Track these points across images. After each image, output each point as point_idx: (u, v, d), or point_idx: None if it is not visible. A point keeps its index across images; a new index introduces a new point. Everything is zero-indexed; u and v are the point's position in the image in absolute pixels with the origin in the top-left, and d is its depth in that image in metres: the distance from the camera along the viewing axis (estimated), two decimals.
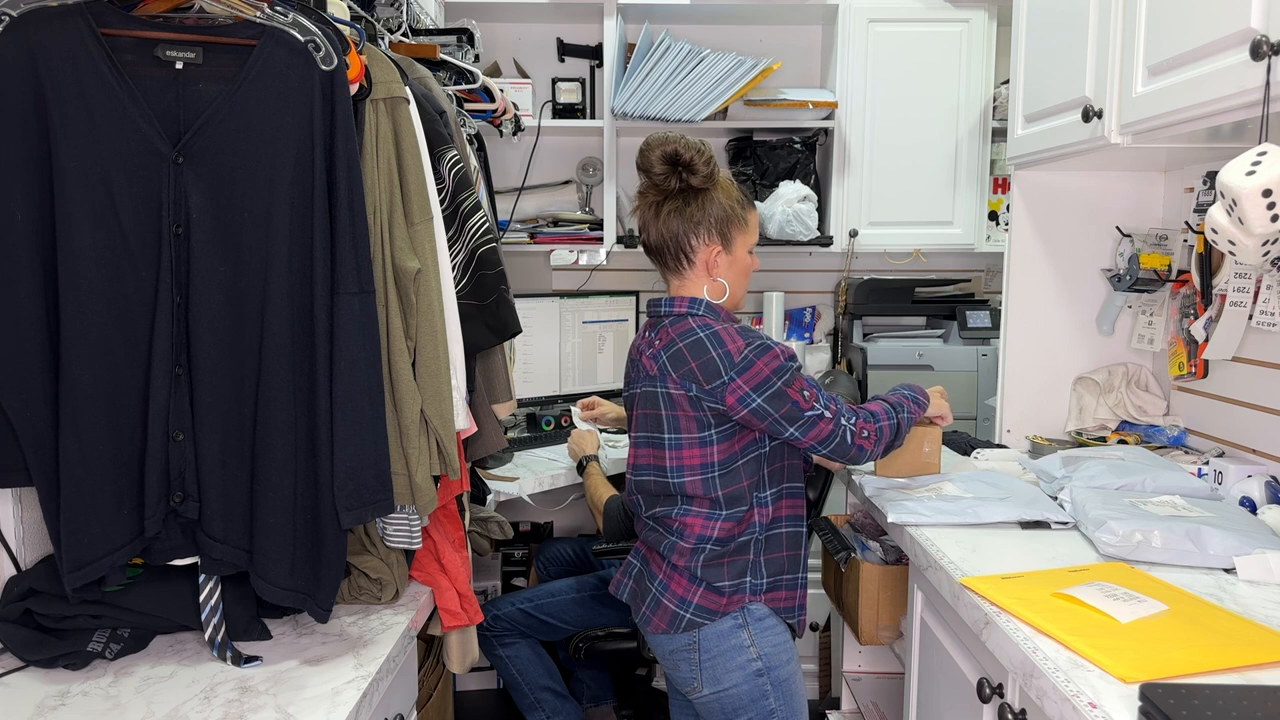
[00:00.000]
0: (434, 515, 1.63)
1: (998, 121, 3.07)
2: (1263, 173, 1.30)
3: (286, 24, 1.31)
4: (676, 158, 1.73)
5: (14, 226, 1.27)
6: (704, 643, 1.72)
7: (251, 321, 1.32)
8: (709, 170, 1.74)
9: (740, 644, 1.72)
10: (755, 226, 1.83)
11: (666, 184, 1.75)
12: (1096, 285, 2.34)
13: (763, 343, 1.69)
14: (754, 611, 1.73)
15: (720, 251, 1.77)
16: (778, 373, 1.66)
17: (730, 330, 1.70)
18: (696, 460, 1.71)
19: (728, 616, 1.72)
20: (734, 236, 1.78)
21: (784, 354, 1.69)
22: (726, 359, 1.66)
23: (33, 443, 1.30)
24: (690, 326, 1.71)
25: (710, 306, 1.77)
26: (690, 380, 1.68)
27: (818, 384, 1.73)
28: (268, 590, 1.34)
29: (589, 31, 3.27)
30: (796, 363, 1.69)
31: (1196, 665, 1.12)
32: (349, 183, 1.33)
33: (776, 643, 1.74)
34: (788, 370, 1.67)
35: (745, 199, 1.81)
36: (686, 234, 1.75)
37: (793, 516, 1.79)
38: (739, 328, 1.72)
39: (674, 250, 1.77)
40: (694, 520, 1.72)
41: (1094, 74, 1.83)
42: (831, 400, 1.72)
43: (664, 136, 1.74)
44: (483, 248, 1.64)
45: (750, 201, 1.82)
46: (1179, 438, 2.16)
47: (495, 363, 1.79)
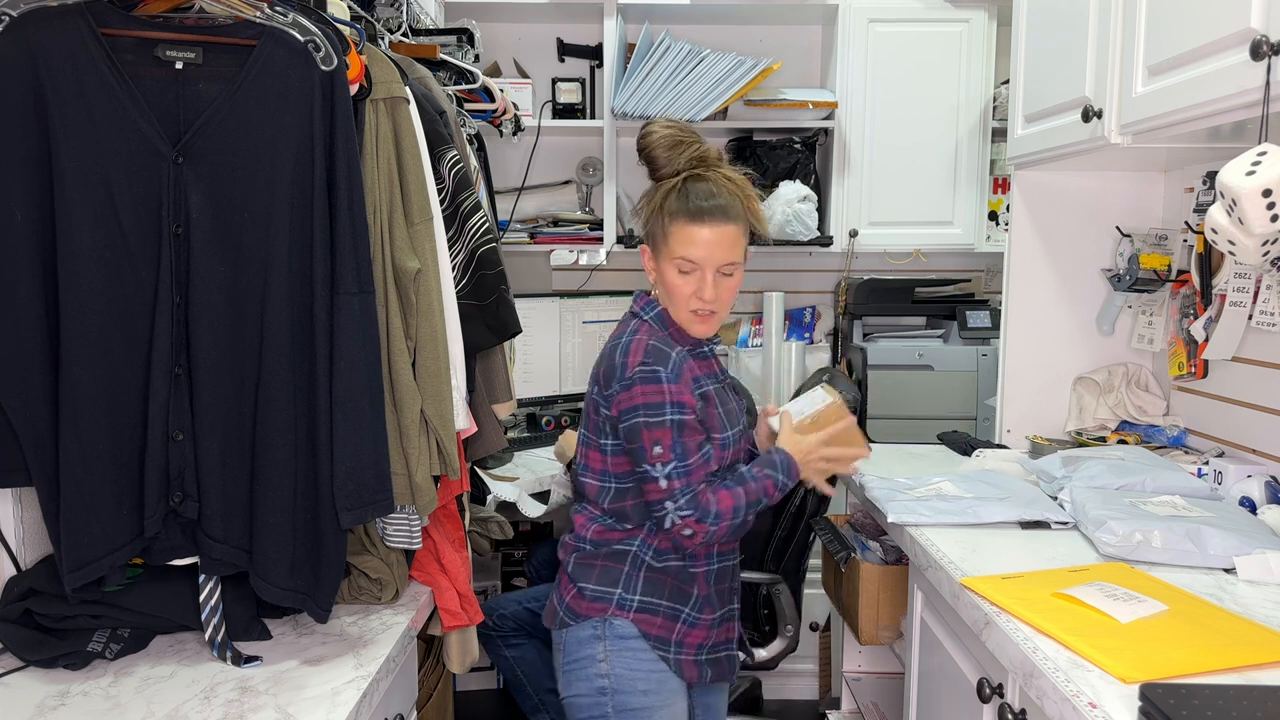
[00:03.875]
0: (434, 515, 1.63)
1: (998, 121, 3.07)
2: (1263, 173, 1.30)
3: (286, 24, 1.31)
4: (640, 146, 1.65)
5: (14, 226, 1.27)
6: (566, 644, 1.66)
7: (251, 321, 1.32)
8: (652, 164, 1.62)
9: (592, 655, 1.62)
10: (682, 242, 1.57)
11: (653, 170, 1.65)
12: (1096, 285, 2.34)
13: (656, 371, 1.54)
14: (616, 627, 1.61)
15: (649, 255, 1.65)
16: (648, 409, 1.53)
17: (644, 344, 1.57)
18: (596, 465, 1.64)
19: (588, 623, 1.62)
20: (657, 243, 1.61)
21: (671, 395, 1.54)
22: (621, 370, 1.56)
23: (33, 443, 1.30)
24: (625, 329, 1.63)
25: (661, 316, 1.64)
26: (596, 381, 1.63)
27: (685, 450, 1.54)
28: (267, 590, 1.34)
29: (589, 31, 3.27)
30: (682, 414, 1.54)
31: (1196, 665, 1.12)
32: (349, 183, 1.33)
33: (635, 667, 1.61)
34: (661, 414, 1.53)
35: (680, 207, 1.57)
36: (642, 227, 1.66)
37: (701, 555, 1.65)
38: (655, 345, 1.58)
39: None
40: (580, 518, 1.67)
41: (1094, 74, 1.83)
42: (686, 476, 1.54)
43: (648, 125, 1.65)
44: (483, 248, 1.64)
45: (687, 213, 1.57)
46: (1179, 438, 2.16)
47: (495, 363, 1.79)
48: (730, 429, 1.67)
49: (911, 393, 3.02)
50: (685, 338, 1.64)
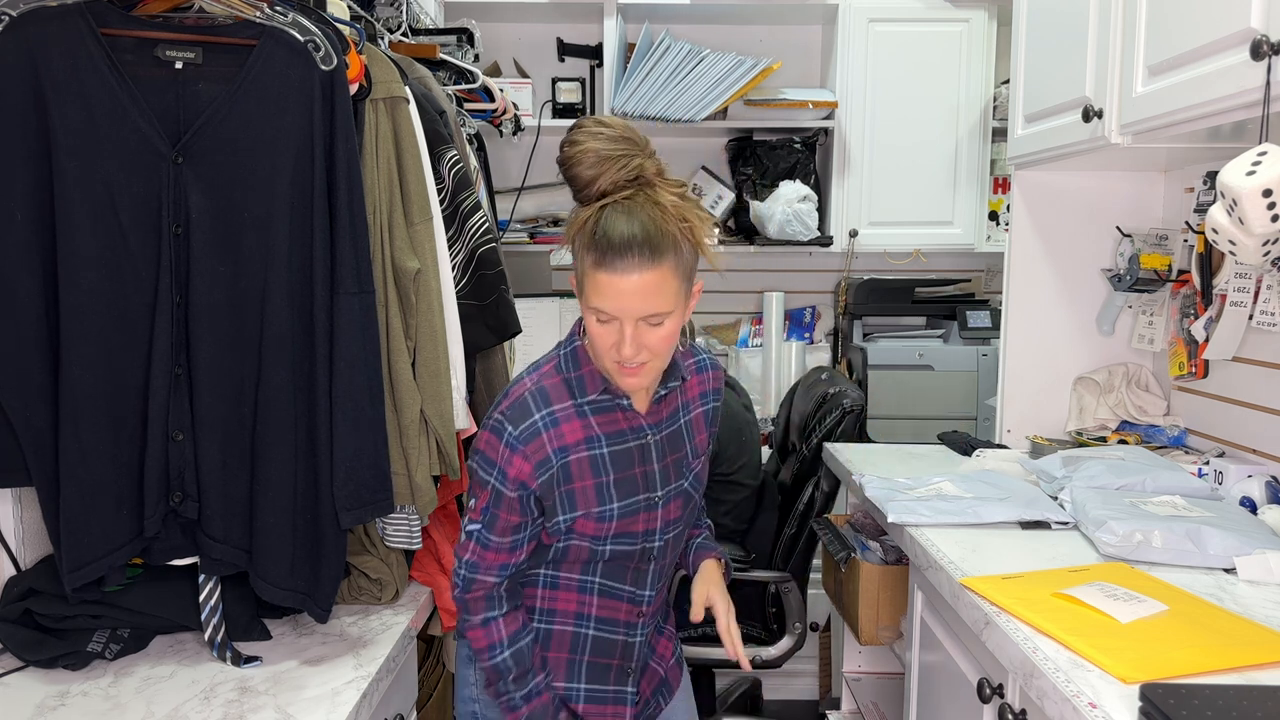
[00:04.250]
0: (434, 515, 1.63)
1: (998, 121, 3.07)
2: (1263, 173, 1.29)
3: (286, 24, 1.31)
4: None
5: (14, 226, 1.27)
6: (457, 657, 1.52)
7: (251, 321, 1.32)
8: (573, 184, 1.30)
9: (465, 678, 1.49)
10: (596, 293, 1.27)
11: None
12: (1097, 285, 2.33)
13: (502, 426, 1.32)
14: None
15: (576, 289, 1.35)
16: (482, 460, 1.34)
17: (521, 389, 1.35)
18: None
19: (465, 642, 1.45)
20: (577, 283, 1.34)
21: (503, 460, 1.31)
22: (492, 408, 1.37)
23: (32, 442, 1.30)
24: (538, 361, 1.42)
25: (576, 354, 1.38)
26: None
27: (493, 523, 1.33)
28: (267, 590, 1.34)
29: (589, 31, 3.27)
30: (503, 485, 1.32)
31: (1197, 665, 1.12)
32: (349, 182, 1.33)
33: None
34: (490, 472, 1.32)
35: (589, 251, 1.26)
36: None
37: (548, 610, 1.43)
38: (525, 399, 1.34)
39: None
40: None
41: (1094, 74, 1.83)
42: (483, 549, 1.34)
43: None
44: (483, 248, 1.64)
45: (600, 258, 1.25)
46: (1179, 438, 2.16)
47: (495, 363, 1.79)
48: (617, 500, 1.37)
49: (911, 393, 3.02)
50: (595, 384, 1.36)
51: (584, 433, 1.36)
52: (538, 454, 1.32)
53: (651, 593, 1.47)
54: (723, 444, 2.47)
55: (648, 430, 1.41)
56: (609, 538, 1.39)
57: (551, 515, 1.36)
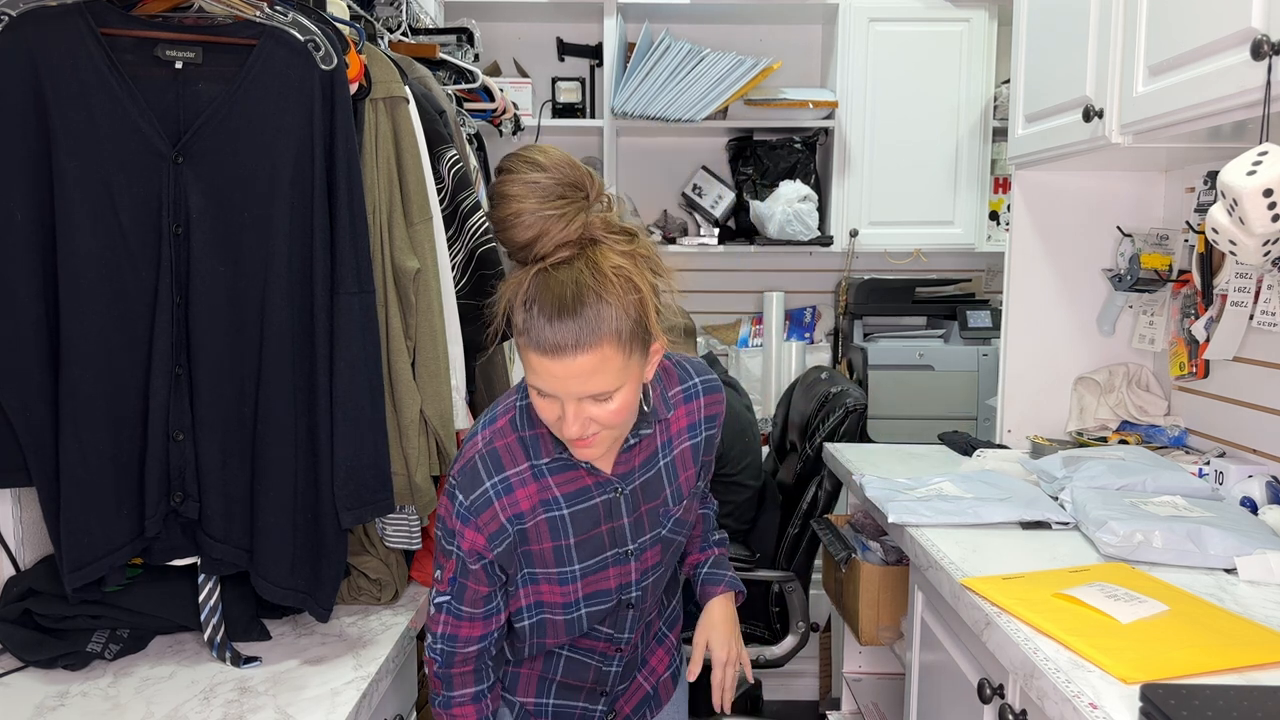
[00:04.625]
0: (433, 515, 1.62)
1: (998, 121, 3.07)
2: (1263, 172, 1.29)
3: (286, 23, 1.31)
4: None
5: (14, 226, 1.27)
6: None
7: (251, 321, 1.32)
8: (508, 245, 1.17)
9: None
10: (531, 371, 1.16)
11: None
12: (1097, 285, 2.33)
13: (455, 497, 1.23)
14: None
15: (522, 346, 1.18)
16: (442, 527, 1.26)
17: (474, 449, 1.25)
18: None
19: None
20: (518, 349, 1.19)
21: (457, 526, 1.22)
22: (452, 465, 1.28)
23: (32, 443, 1.30)
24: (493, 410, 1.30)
25: (527, 411, 1.25)
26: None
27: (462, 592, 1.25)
28: (268, 590, 1.34)
29: (589, 31, 3.27)
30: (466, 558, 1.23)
31: (1197, 665, 1.11)
32: (349, 182, 1.33)
33: None
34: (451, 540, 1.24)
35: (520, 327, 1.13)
36: None
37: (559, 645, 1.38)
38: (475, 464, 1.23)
39: None
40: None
41: (1095, 74, 1.83)
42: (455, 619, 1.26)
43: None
44: (482, 247, 1.64)
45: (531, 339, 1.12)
46: (1180, 438, 2.15)
47: (495, 363, 1.79)
48: (574, 563, 1.28)
49: (912, 393, 3.02)
50: (548, 448, 1.25)
51: (539, 495, 1.25)
52: (491, 524, 1.22)
53: (630, 635, 1.40)
54: (726, 445, 2.47)
55: (615, 483, 1.29)
56: (579, 600, 1.30)
57: (512, 579, 1.28)
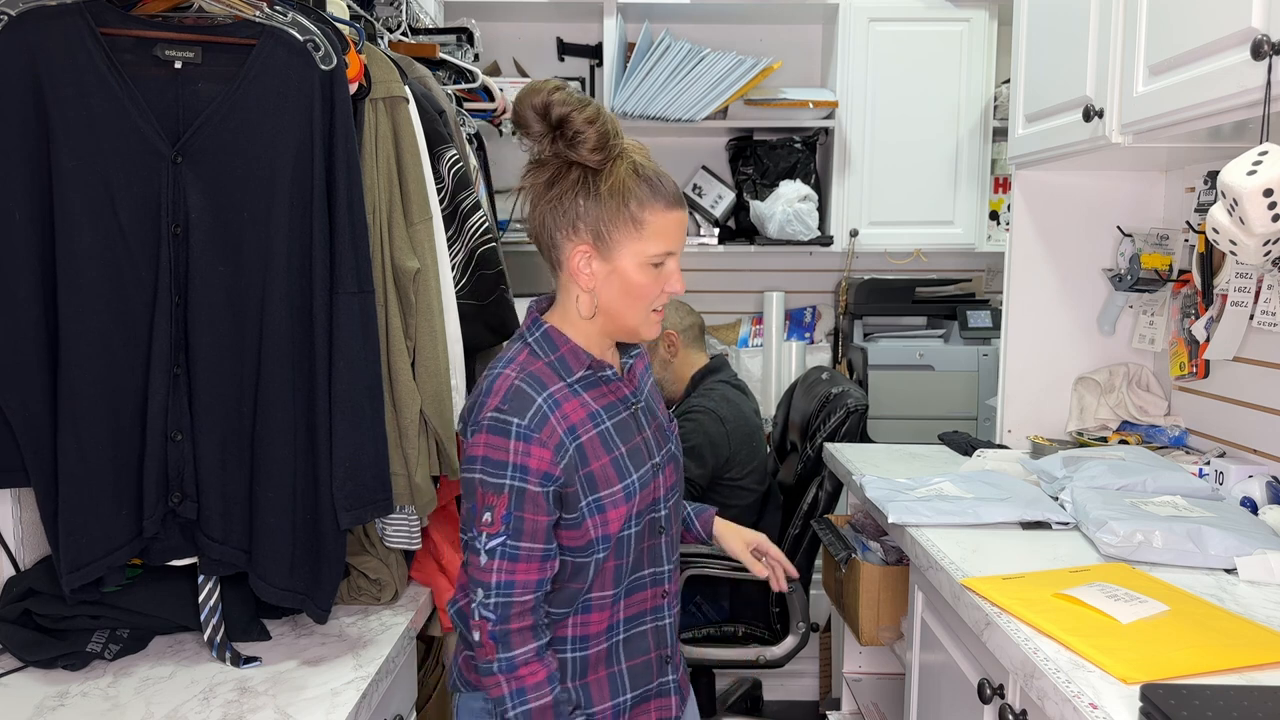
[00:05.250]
0: (433, 515, 1.62)
1: (998, 121, 3.07)
2: (1264, 172, 1.29)
3: (286, 23, 1.31)
4: (546, 112, 1.29)
5: (13, 226, 1.27)
6: (459, 712, 1.40)
7: (250, 321, 1.32)
8: (597, 140, 1.27)
9: None
10: (663, 233, 1.29)
11: (543, 150, 1.34)
12: (1097, 285, 2.33)
13: (508, 423, 1.23)
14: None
15: (592, 255, 1.29)
16: (489, 465, 1.23)
17: (507, 384, 1.26)
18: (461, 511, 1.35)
19: (479, 694, 1.34)
20: (615, 240, 1.28)
21: (518, 455, 1.22)
22: (477, 411, 1.26)
23: (31, 443, 1.30)
24: (504, 356, 1.32)
25: (548, 336, 1.32)
26: (460, 418, 1.35)
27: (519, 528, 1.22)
28: (267, 591, 1.34)
29: (589, 31, 3.27)
30: (525, 481, 1.22)
31: (1197, 666, 1.11)
32: (348, 182, 1.33)
33: None
34: (501, 475, 1.22)
35: (652, 192, 1.28)
36: (550, 223, 1.33)
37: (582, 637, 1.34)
38: (519, 387, 1.25)
39: (542, 244, 1.35)
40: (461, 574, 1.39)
41: (1095, 73, 1.83)
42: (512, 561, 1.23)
43: (539, 83, 1.31)
44: (482, 247, 1.64)
45: (663, 197, 1.29)
46: (1180, 438, 2.15)
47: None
48: (634, 472, 1.33)
49: (912, 393, 3.02)
50: (580, 360, 1.32)
51: (584, 410, 1.31)
52: (552, 438, 1.24)
53: (670, 566, 1.43)
54: (733, 449, 2.47)
55: (632, 398, 1.39)
56: (633, 517, 1.33)
57: (574, 506, 1.27)
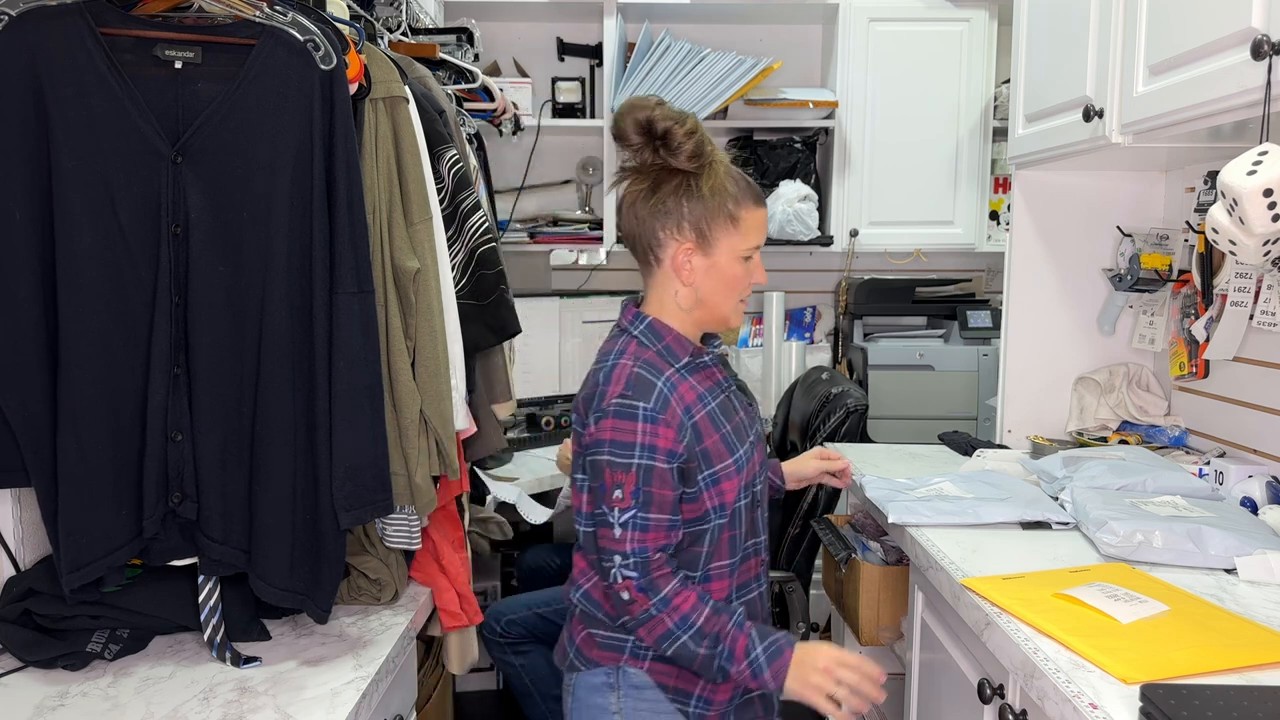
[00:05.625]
0: (433, 516, 1.62)
1: (998, 121, 3.07)
2: (1264, 172, 1.29)
3: (286, 23, 1.31)
4: (649, 127, 1.39)
5: (13, 226, 1.27)
6: (576, 689, 1.51)
7: (250, 321, 1.32)
8: (693, 148, 1.40)
9: (604, 706, 1.47)
10: (755, 229, 1.47)
11: (642, 159, 1.44)
12: (1097, 285, 2.33)
13: (635, 407, 1.37)
14: (630, 676, 1.46)
15: (694, 251, 1.44)
16: (617, 447, 1.36)
17: (626, 370, 1.40)
18: (576, 501, 1.49)
19: (600, 669, 1.47)
20: (716, 237, 1.44)
21: (646, 436, 1.35)
22: (599, 400, 1.40)
23: (31, 443, 1.30)
24: (612, 349, 1.46)
25: (652, 327, 1.46)
26: (576, 409, 1.47)
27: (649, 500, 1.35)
28: (266, 591, 1.34)
29: (589, 31, 3.27)
30: (653, 459, 1.36)
31: (1197, 666, 1.11)
32: (348, 182, 1.33)
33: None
34: (629, 455, 1.36)
35: (745, 192, 1.46)
36: (654, 224, 1.44)
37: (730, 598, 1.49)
38: (639, 374, 1.40)
39: (641, 243, 1.47)
40: (579, 560, 1.52)
41: (1095, 73, 1.83)
42: (643, 530, 1.36)
43: (641, 100, 1.41)
44: (482, 247, 1.64)
45: (753, 196, 1.47)
46: (1180, 438, 2.15)
47: (495, 363, 1.79)
48: (740, 447, 1.49)
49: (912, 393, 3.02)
50: (685, 347, 1.47)
51: (694, 392, 1.45)
52: (674, 418, 1.38)
53: (764, 537, 1.58)
54: None
55: (725, 382, 1.54)
56: (743, 489, 1.47)
57: (693, 480, 1.41)
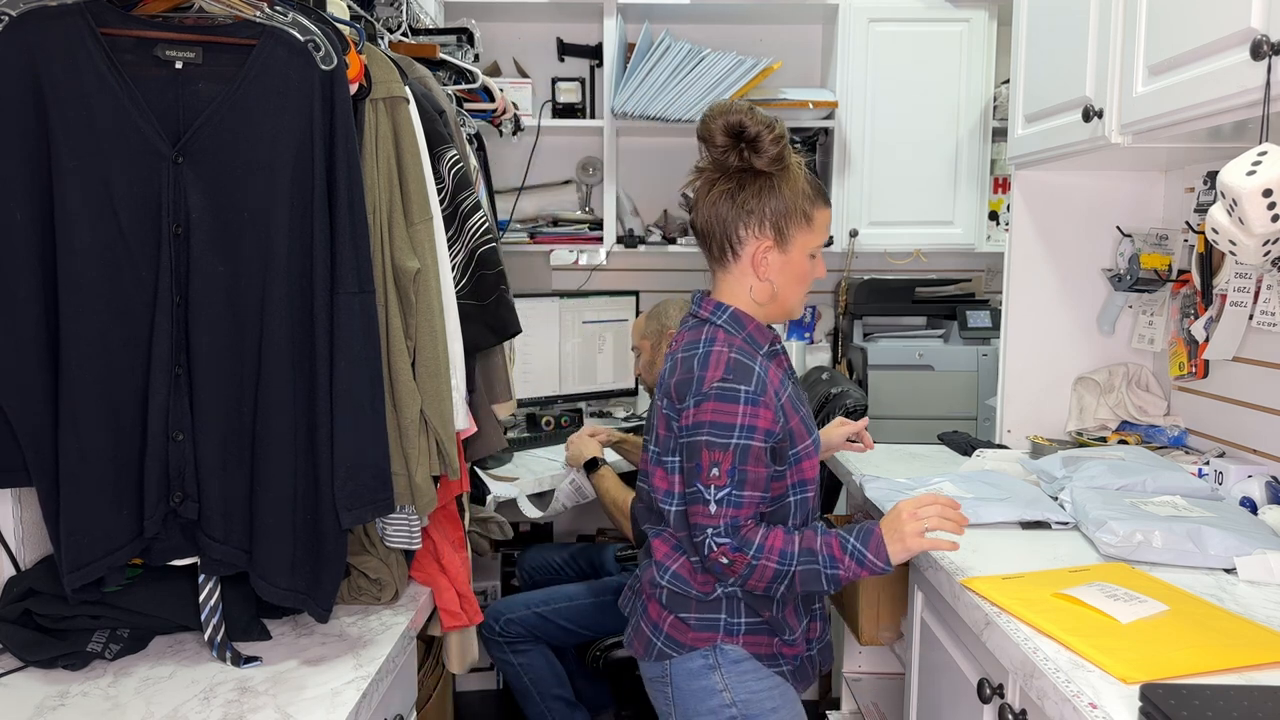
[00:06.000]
0: (434, 515, 1.62)
1: (998, 121, 3.07)
2: (1263, 173, 1.29)
3: (286, 24, 1.31)
4: (741, 131, 1.49)
5: (14, 226, 1.27)
6: (674, 678, 1.57)
7: (251, 321, 1.32)
8: (778, 151, 1.49)
9: (710, 687, 1.54)
10: (823, 227, 1.57)
11: (726, 161, 1.52)
12: (1097, 285, 2.33)
13: (736, 389, 1.45)
14: (728, 653, 1.54)
15: (772, 248, 1.53)
16: (716, 428, 1.44)
17: (724, 356, 1.48)
18: (663, 485, 1.55)
19: (697, 653, 1.55)
20: (792, 234, 1.53)
21: (746, 417, 1.44)
22: (698, 384, 1.47)
23: (32, 443, 1.30)
24: (699, 337, 1.53)
25: (735, 316, 1.55)
26: (666, 395, 1.53)
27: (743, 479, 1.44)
28: (267, 590, 1.34)
29: (589, 31, 3.27)
30: (751, 439, 1.44)
31: (1197, 665, 1.12)
32: (349, 182, 1.33)
33: (758, 689, 1.55)
34: (728, 436, 1.44)
35: (816, 193, 1.55)
36: (736, 222, 1.52)
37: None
38: (737, 359, 1.48)
39: (719, 239, 1.55)
40: (661, 545, 1.57)
41: (1094, 74, 1.83)
42: (737, 507, 1.44)
43: (729, 104, 1.51)
44: (482, 247, 1.64)
45: (823, 196, 1.57)
46: (1179, 438, 2.16)
47: (495, 362, 1.79)
48: (814, 430, 1.61)
49: (912, 393, 3.02)
50: (765, 335, 1.57)
51: (777, 377, 1.54)
52: (771, 401, 1.47)
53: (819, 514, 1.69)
54: None
55: (791, 371, 1.64)
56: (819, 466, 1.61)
57: (783, 458, 1.51)
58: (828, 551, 1.46)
